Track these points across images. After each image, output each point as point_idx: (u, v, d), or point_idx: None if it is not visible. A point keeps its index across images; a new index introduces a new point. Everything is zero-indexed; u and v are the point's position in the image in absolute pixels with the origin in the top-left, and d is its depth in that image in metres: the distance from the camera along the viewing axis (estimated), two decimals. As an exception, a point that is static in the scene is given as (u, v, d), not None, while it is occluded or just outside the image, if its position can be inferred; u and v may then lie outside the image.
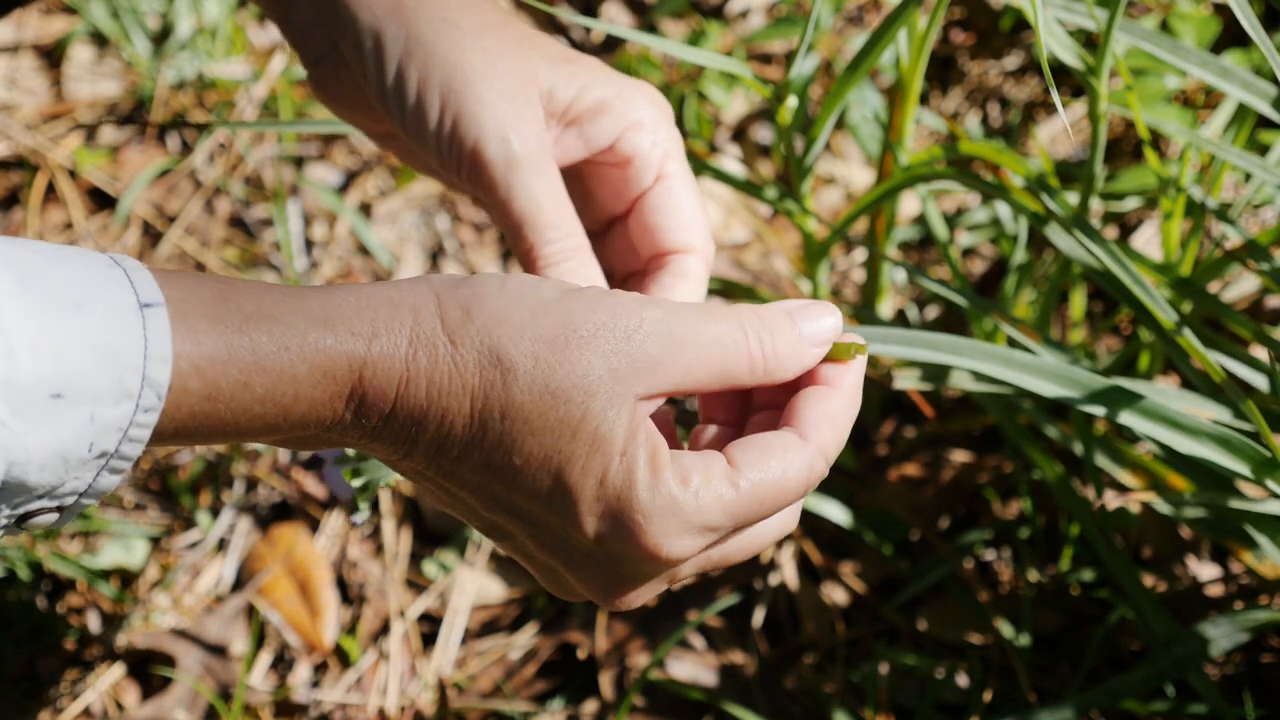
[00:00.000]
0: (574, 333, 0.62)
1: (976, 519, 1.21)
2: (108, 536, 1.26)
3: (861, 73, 0.92)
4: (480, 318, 0.62)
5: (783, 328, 0.67)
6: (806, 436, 0.66)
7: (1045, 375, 0.85)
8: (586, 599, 0.68)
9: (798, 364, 0.67)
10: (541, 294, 0.63)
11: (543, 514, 0.63)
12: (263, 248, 1.44)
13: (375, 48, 0.74)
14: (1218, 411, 0.91)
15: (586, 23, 0.85)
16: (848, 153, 1.44)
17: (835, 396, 0.67)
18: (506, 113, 0.73)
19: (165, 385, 0.55)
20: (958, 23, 1.50)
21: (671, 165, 0.78)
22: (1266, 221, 1.27)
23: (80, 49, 1.56)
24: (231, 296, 0.58)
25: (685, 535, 0.63)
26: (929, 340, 0.86)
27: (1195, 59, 0.93)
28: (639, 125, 0.77)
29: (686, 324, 0.64)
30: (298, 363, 0.59)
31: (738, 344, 0.65)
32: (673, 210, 0.77)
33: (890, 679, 1.13)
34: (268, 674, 1.21)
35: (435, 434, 0.62)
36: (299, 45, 0.78)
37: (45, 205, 1.47)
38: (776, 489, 0.64)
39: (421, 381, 0.61)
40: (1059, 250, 0.99)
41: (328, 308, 0.60)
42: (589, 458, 0.62)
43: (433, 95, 0.73)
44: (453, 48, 0.73)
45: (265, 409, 0.59)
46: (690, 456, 0.64)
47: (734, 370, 0.65)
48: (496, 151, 0.73)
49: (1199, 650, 0.98)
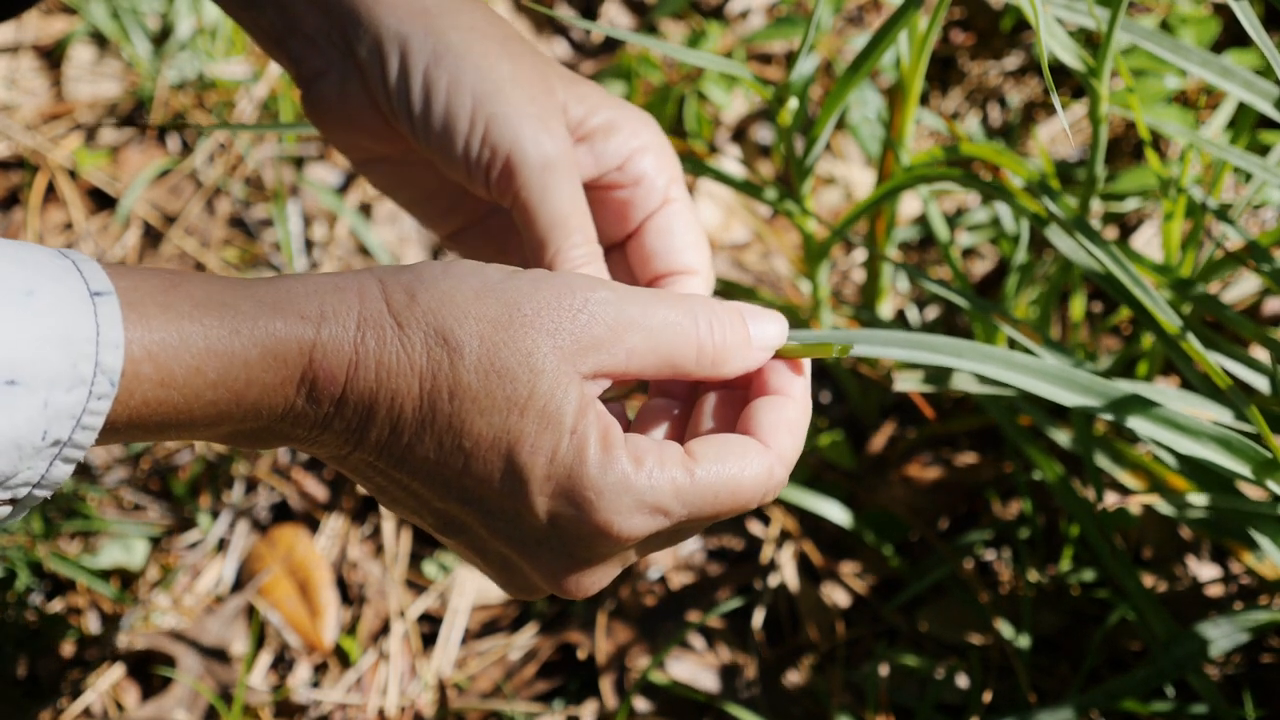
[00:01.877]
0: (518, 311, 0.63)
1: (977, 519, 1.21)
2: (108, 537, 1.26)
3: (862, 73, 0.92)
4: (425, 300, 0.62)
5: (733, 322, 0.68)
6: (767, 443, 0.67)
7: (1046, 377, 0.85)
8: (542, 592, 0.69)
9: (742, 361, 0.68)
10: (486, 275, 0.64)
11: (495, 497, 0.64)
12: (263, 248, 1.44)
13: (401, 53, 0.74)
14: (1218, 412, 0.91)
15: (586, 24, 0.85)
16: (848, 153, 1.44)
17: (791, 405, 0.68)
18: (539, 116, 0.74)
19: (118, 371, 0.56)
20: (958, 23, 1.50)
21: (675, 190, 0.79)
22: (1267, 222, 1.27)
23: (80, 49, 1.56)
24: (181, 285, 0.59)
25: (637, 514, 0.64)
26: (930, 343, 0.86)
27: (1196, 58, 0.93)
28: (645, 149, 0.78)
29: (635, 305, 0.65)
30: (249, 346, 0.59)
31: (687, 330, 0.66)
32: (677, 234, 0.78)
33: (890, 679, 1.13)
34: (268, 674, 1.21)
35: (386, 418, 0.62)
36: (300, 60, 0.78)
37: (45, 205, 1.47)
38: (733, 486, 0.65)
39: (370, 364, 0.61)
40: (1059, 251, 0.99)
41: (276, 294, 0.61)
42: (538, 435, 0.62)
43: (464, 99, 0.73)
44: (484, 55, 0.74)
45: (218, 394, 0.59)
46: (646, 440, 0.65)
47: (681, 356, 0.66)
48: (533, 154, 0.73)
49: (1199, 650, 0.98)
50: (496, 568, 0.69)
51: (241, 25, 0.79)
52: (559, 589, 0.67)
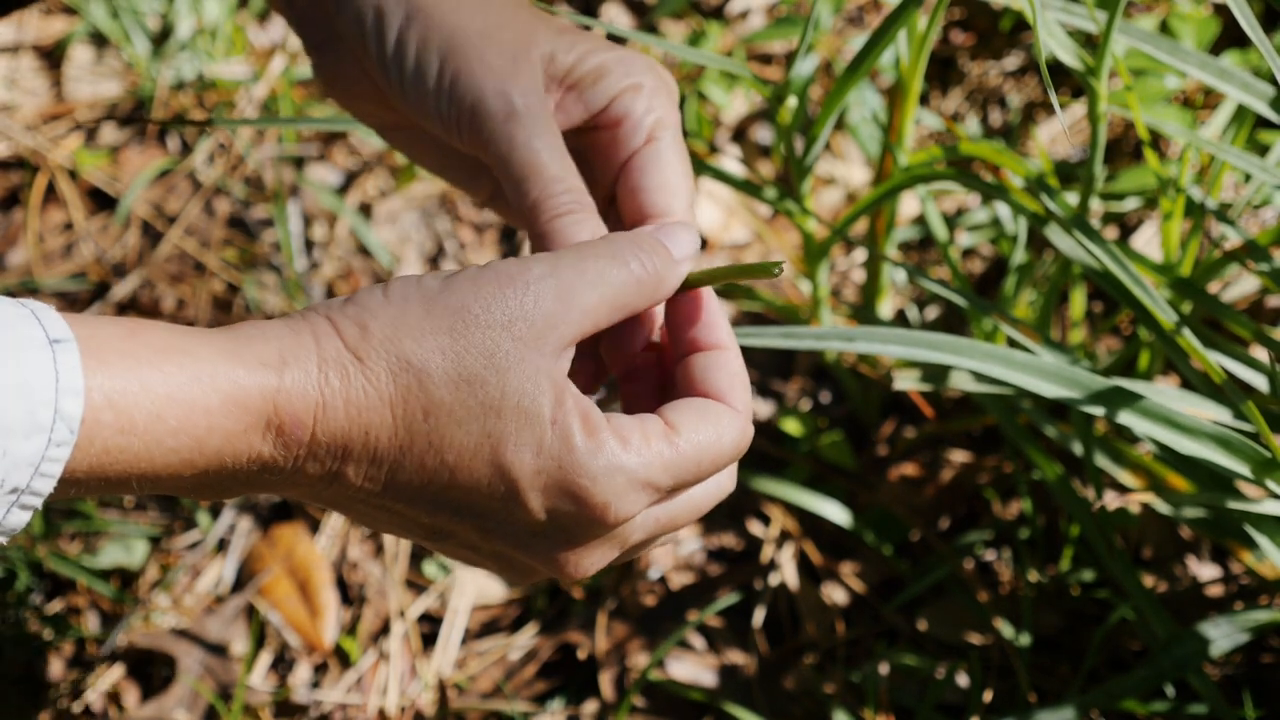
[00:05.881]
0: (469, 314, 0.63)
1: (976, 519, 1.21)
2: (108, 537, 1.26)
3: (861, 73, 0.92)
4: (377, 329, 0.62)
5: (655, 246, 0.69)
6: (732, 403, 0.69)
7: (1045, 376, 0.85)
8: (541, 576, 0.69)
9: (675, 277, 0.69)
10: (425, 287, 0.64)
11: (486, 502, 0.64)
12: (263, 248, 1.44)
13: (376, 18, 0.74)
14: (1217, 412, 0.91)
15: (586, 23, 0.85)
16: (848, 153, 1.44)
17: (732, 357, 0.70)
18: (506, 69, 0.73)
19: (77, 419, 0.55)
20: (958, 23, 1.50)
21: (662, 132, 0.76)
22: (1266, 222, 1.27)
23: (80, 49, 1.57)
24: (140, 333, 0.59)
25: (631, 491, 0.64)
26: (929, 341, 0.86)
27: (1194, 60, 0.93)
28: (636, 89, 0.76)
29: (571, 268, 0.65)
30: (210, 393, 0.59)
31: (621, 272, 0.67)
32: (655, 173, 0.76)
33: (890, 679, 1.13)
34: (268, 674, 1.21)
35: (363, 452, 0.62)
36: (302, 31, 0.78)
37: (45, 206, 1.47)
38: (714, 452, 0.66)
39: (338, 403, 0.61)
40: (1059, 251, 0.99)
41: (235, 341, 0.61)
42: (519, 433, 0.63)
43: (432, 56, 0.73)
44: (452, 11, 0.74)
45: (179, 442, 0.59)
46: (625, 418, 0.65)
47: (627, 297, 0.67)
48: (496, 106, 0.73)
49: (1199, 650, 0.98)
50: (491, 561, 0.69)
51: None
52: (559, 572, 0.67)
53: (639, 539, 0.68)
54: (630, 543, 0.68)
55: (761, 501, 1.23)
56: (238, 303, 1.40)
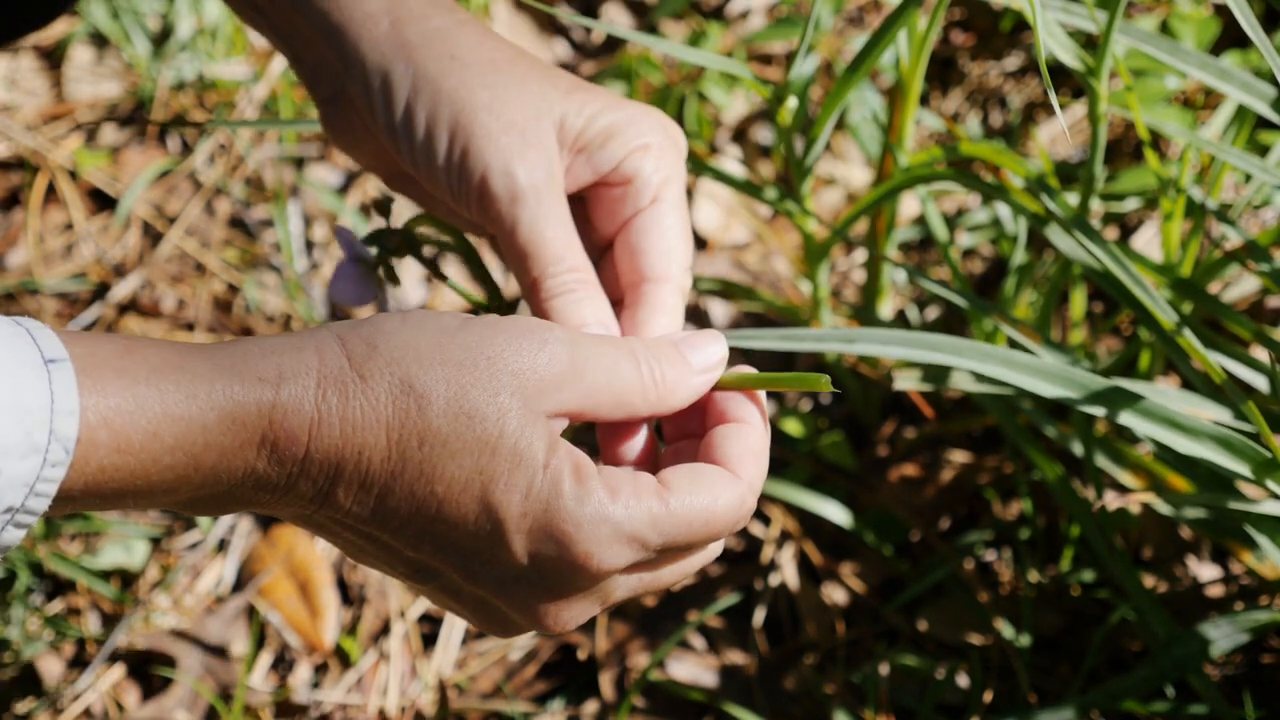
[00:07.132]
0: (481, 354, 0.63)
1: (976, 519, 1.21)
2: (108, 537, 1.26)
3: (861, 74, 0.93)
4: (386, 350, 0.62)
5: (669, 355, 0.68)
6: (736, 473, 0.67)
7: (1045, 376, 0.85)
8: (521, 631, 0.68)
9: (687, 391, 0.68)
10: (443, 323, 0.64)
11: (470, 541, 0.63)
12: (263, 248, 1.44)
13: (383, 86, 0.74)
14: (1218, 412, 0.91)
15: (587, 23, 0.85)
16: (848, 153, 1.44)
17: (753, 432, 0.69)
18: (512, 146, 0.73)
19: (73, 439, 0.55)
20: (958, 23, 1.50)
21: (666, 190, 0.77)
22: (1266, 222, 1.27)
23: (80, 50, 1.57)
24: (136, 350, 0.58)
25: (615, 543, 0.63)
26: (929, 341, 0.86)
27: (1195, 60, 0.93)
28: (644, 149, 0.76)
29: (586, 348, 0.65)
30: (206, 410, 0.59)
31: (630, 371, 0.66)
32: (657, 237, 0.76)
33: (890, 679, 1.13)
34: (268, 675, 1.21)
35: (354, 473, 0.62)
36: (311, 85, 0.79)
37: (45, 206, 1.47)
38: (706, 516, 0.65)
39: (334, 421, 0.61)
40: (1059, 251, 0.99)
41: (233, 357, 0.60)
42: (511, 474, 0.62)
43: (441, 130, 0.73)
44: (460, 84, 0.73)
45: (176, 459, 0.58)
46: (618, 471, 0.65)
47: (629, 396, 0.66)
48: (501, 185, 0.73)
49: (1199, 651, 0.98)
50: (472, 609, 0.68)
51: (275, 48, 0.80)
52: (538, 625, 0.66)
53: (621, 596, 0.67)
54: (612, 599, 0.67)
55: (762, 502, 1.23)
56: (238, 303, 1.41)
